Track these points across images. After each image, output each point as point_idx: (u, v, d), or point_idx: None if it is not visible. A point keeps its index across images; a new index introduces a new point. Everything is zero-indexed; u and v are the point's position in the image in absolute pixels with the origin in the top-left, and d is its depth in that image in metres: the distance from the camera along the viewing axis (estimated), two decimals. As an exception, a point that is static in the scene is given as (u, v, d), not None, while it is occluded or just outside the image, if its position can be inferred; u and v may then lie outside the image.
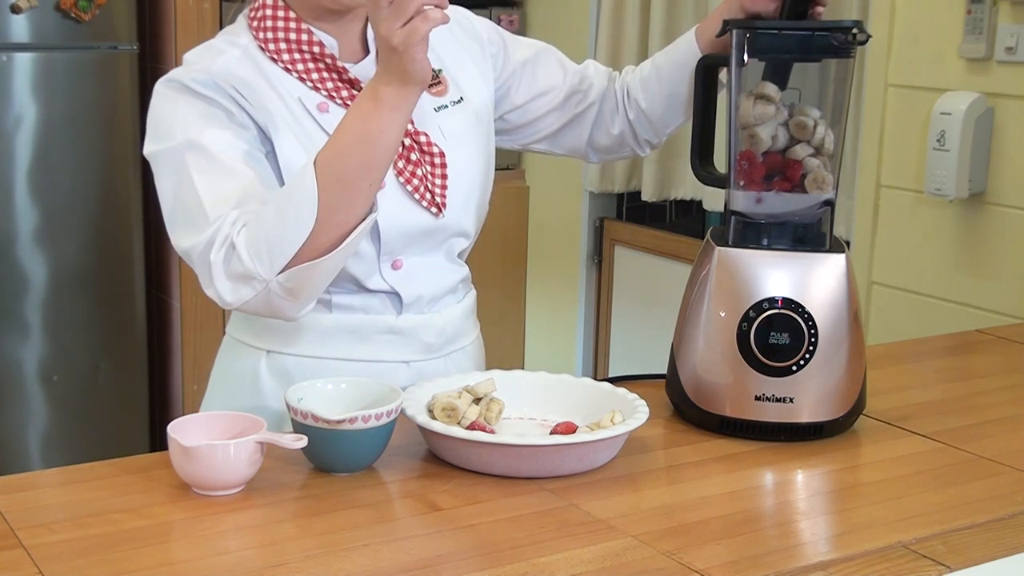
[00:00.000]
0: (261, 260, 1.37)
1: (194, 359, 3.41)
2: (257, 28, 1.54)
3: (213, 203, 1.42)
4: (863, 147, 2.73)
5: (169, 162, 1.46)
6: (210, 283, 1.41)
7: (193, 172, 1.43)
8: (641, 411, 1.43)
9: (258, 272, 1.37)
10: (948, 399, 1.75)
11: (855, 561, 1.20)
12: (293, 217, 1.36)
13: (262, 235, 1.37)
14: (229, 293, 1.40)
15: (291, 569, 1.14)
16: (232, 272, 1.39)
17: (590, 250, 3.74)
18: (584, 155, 1.83)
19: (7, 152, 3.12)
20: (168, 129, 1.47)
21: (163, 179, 1.47)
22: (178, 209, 1.45)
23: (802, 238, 1.58)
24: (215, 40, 1.56)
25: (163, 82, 1.51)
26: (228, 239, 1.39)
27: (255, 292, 1.39)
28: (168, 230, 1.48)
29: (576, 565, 1.17)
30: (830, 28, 1.53)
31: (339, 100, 1.54)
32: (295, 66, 1.53)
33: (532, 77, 1.73)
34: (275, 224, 1.37)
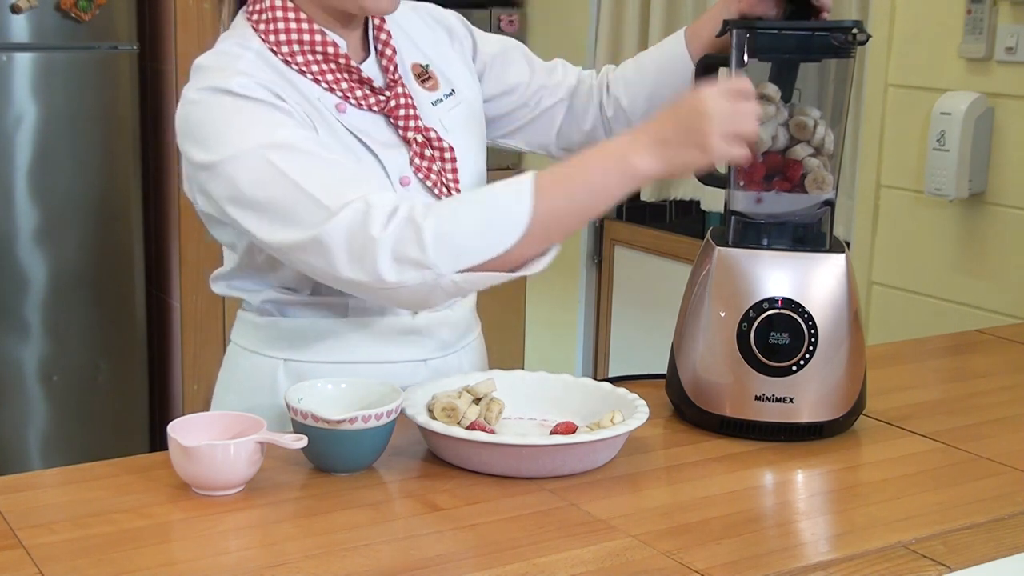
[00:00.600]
0: (444, 255, 1.33)
1: (194, 359, 3.41)
2: (266, 31, 1.51)
3: (323, 190, 1.36)
4: (863, 147, 2.73)
5: (245, 164, 1.40)
6: (360, 261, 1.34)
7: (281, 165, 1.38)
8: (641, 411, 1.43)
9: (437, 265, 1.33)
10: (948, 399, 1.75)
11: (855, 561, 1.20)
12: (497, 229, 1.34)
13: (457, 233, 1.34)
14: (391, 272, 1.34)
15: (291, 569, 1.14)
16: (403, 254, 1.33)
17: (590, 250, 3.74)
18: (550, 151, 1.83)
19: (7, 152, 3.12)
20: (231, 135, 1.42)
21: (239, 182, 1.40)
22: (270, 208, 1.39)
23: (802, 238, 1.58)
24: (224, 45, 1.52)
25: (203, 91, 1.45)
26: (407, 219, 1.33)
27: (422, 280, 1.34)
28: (257, 233, 1.41)
29: (576, 565, 1.17)
30: (830, 28, 1.53)
31: (353, 100, 1.53)
32: (309, 68, 1.51)
33: (501, 72, 1.74)
34: (474, 228, 1.34)
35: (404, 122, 1.56)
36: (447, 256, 1.34)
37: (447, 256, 1.34)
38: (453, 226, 1.35)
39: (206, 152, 1.43)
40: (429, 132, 1.58)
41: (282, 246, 1.40)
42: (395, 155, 1.55)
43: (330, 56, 1.52)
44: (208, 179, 1.43)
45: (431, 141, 1.58)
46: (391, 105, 1.55)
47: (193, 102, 1.45)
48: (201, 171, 1.44)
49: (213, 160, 1.42)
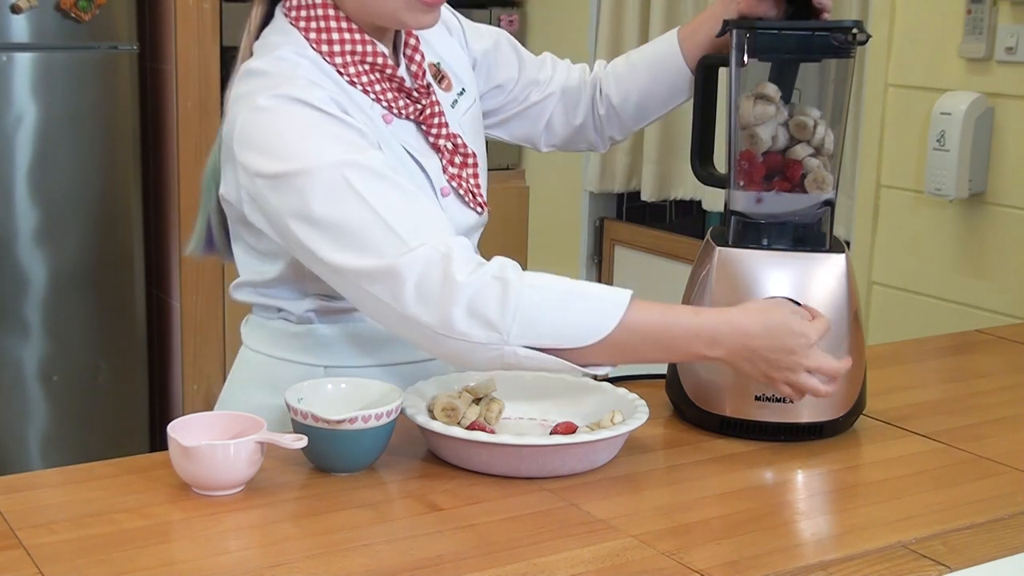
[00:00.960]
0: (520, 327, 1.32)
1: (194, 359, 3.41)
2: (318, 40, 1.47)
3: (399, 220, 1.34)
4: (863, 147, 2.73)
5: (319, 180, 1.35)
6: (431, 302, 1.32)
7: (359, 187, 1.34)
8: (641, 411, 1.43)
9: (509, 333, 1.32)
10: (948, 399, 1.75)
11: (855, 561, 1.20)
12: (576, 328, 1.33)
13: (542, 313, 1.33)
14: (461, 322, 1.31)
15: (291, 569, 1.14)
16: (479, 309, 1.31)
17: (590, 250, 3.74)
18: (536, 144, 1.82)
19: (7, 152, 3.12)
20: (306, 147, 1.36)
21: (312, 199, 1.35)
22: (342, 229, 1.35)
23: (802, 238, 1.58)
24: (280, 51, 1.45)
25: (275, 98, 1.38)
26: (497, 278, 1.32)
27: (487, 341, 1.32)
28: (320, 252, 1.36)
29: (576, 565, 1.17)
30: (830, 28, 1.53)
31: (396, 110, 1.50)
32: (360, 78, 1.48)
33: (492, 67, 1.73)
34: (558, 316, 1.33)
35: (436, 129, 1.54)
36: (522, 329, 1.32)
37: (522, 329, 1.32)
38: (542, 304, 1.33)
39: (274, 162, 1.37)
40: (456, 139, 1.56)
41: (347, 270, 1.35)
42: (432, 164, 1.53)
43: (378, 66, 1.49)
44: (271, 190, 1.38)
45: (458, 148, 1.56)
46: (426, 113, 1.53)
47: (263, 109, 1.39)
48: (263, 181, 1.38)
49: (282, 171, 1.36)
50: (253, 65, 1.45)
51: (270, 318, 1.58)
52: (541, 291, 1.33)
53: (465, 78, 1.65)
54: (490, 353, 1.33)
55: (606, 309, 1.34)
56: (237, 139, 1.41)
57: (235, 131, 1.41)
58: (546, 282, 1.35)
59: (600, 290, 1.37)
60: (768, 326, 1.37)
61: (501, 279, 1.32)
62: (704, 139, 1.68)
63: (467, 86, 1.64)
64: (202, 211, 1.60)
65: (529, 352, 1.33)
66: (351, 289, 1.38)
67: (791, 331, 1.38)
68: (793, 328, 1.38)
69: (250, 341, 1.62)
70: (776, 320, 1.38)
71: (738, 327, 1.37)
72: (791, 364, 1.38)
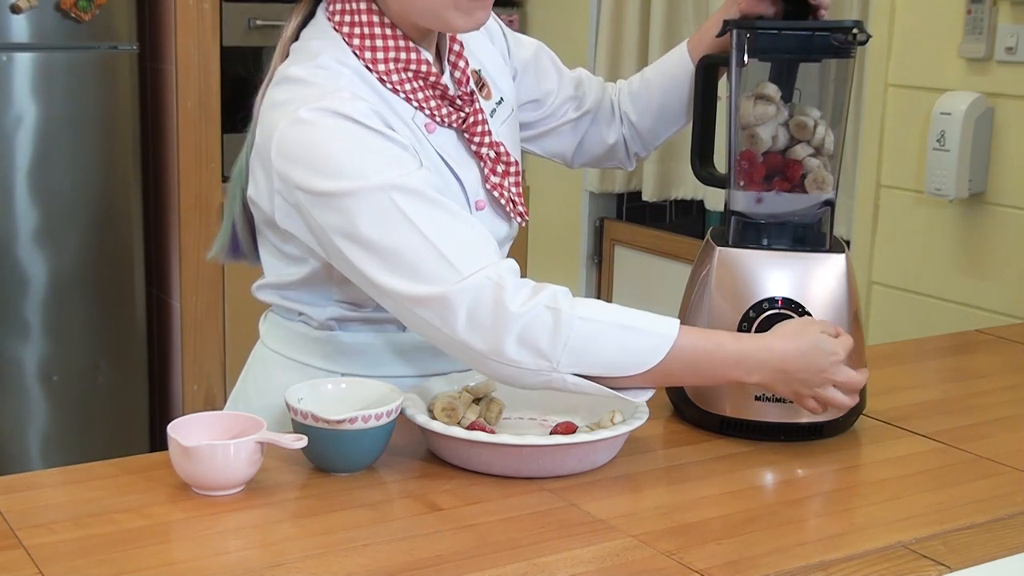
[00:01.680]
0: (571, 357, 1.33)
1: (194, 359, 3.41)
2: (361, 47, 1.44)
3: (450, 246, 1.33)
4: (863, 147, 2.73)
5: (368, 201, 1.33)
6: (484, 329, 1.32)
7: (407, 211, 1.33)
8: (641, 411, 1.43)
9: (559, 362, 1.33)
10: (948, 399, 1.75)
11: (855, 561, 1.20)
12: (625, 359, 1.35)
13: (593, 345, 1.34)
14: (513, 350, 1.32)
15: (291, 569, 1.14)
16: (532, 338, 1.32)
17: (590, 250, 3.74)
18: (569, 161, 1.82)
19: (7, 152, 3.12)
20: (353, 166, 1.34)
21: (360, 220, 1.33)
22: (392, 253, 1.34)
23: (802, 238, 1.58)
24: (321, 59, 1.43)
25: (318, 111, 1.36)
26: (549, 309, 1.33)
27: (536, 368, 1.34)
28: (371, 275, 1.35)
29: (576, 565, 1.17)
30: (830, 28, 1.53)
31: (439, 118, 1.48)
32: (403, 86, 1.45)
33: (532, 80, 1.72)
34: (609, 348, 1.35)
35: (480, 138, 1.52)
36: (572, 358, 1.34)
37: (572, 358, 1.34)
38: (594, 336, 1.34)
39: (319, 179, 1.35)
40: (499, 147, 1.55)
41: (397, 294, 1.34)
42: (470, 175, 1.51)
43: (421, 74, 1.47)
44: (315, 206, 1.36)
45: (500, 156, 1.55)
46: (469, 121, 1.51)
47: (306, 122, 1.36)
48: (306, 196, 1.36)
49: (328, 190, 1.34)
50: (292, 71, 1.42)
51: (290, 319, 1.57)
52: (592, 323, 1.34)
53: (504, 87, 1.63)
54: (539, 379, 1.35)
55: (655, 342, 1.36)
56: (277, 149, 1.38)
57: (274, 140, 1.38)
58: (597, 313, 1.36)
59: (649, 322, 1.38)
60: (803, 349, 1.42)
61: (553, 310, 1.33)
62: (704, 139, 1.68)
63: (506, 95, 1.63)
64: (227, 215, 1.57)
65: (577, 380, 1.35)
66: (400, 310, 1.37)
67: (823, 351, 1.42)
68: (824, 348, 1.42)
69: (268, 340, 1.61)
70: (809, 343, 1.42)
71: (776, 352, 1.41)
72: (821, 381, 1.43)
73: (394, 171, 1.35)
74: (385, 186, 1.34)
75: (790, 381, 1.42)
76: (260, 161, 1.42)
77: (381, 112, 1.40)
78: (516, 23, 3.78)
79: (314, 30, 1.48)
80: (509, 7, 3.82)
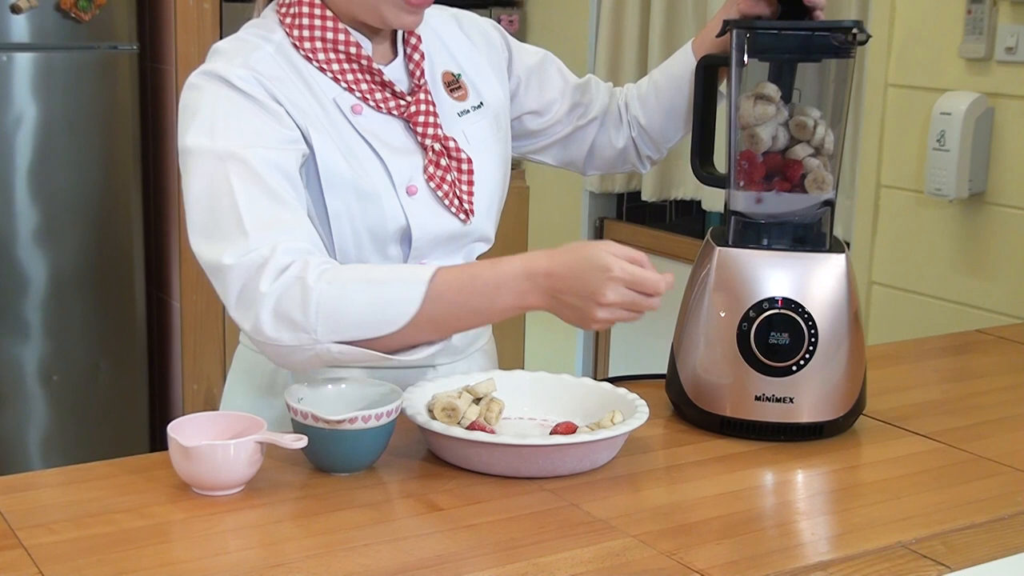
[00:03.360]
0: (326, 325, 1.33)
1: (194, 359, 3.41)
2: (291, 25, 1.51)
3: (255, 224, 1.36)
4: (863, 147, 2.73)
5: (206, 164, 1.40)
6: (245, 308, 1.35)
7: (234, 182, 1.38)
8: (641, 411, 1.43)
9: (316, 331, 1.33)
10: (948, 399, 1.75)
11: (855, 561, 1.20)
12: (382, 314, 1.34)
13: (344, 306, 1.33)
14: (269, 327, 1.34)
15: (291, 569, 1.14)
16: (284, 313, 1.33)
17: (590, 250, 3.73)
18: (581, 169, 1.82)
19: (7, 152, 3.12)
20: (209, 127, 1.42)
21: (194, 179, 1.41)
22: (208, 217, 1.39)
23: (802, 238, 1.58)
24: (245, 33, 1.52)
25: (201, 74, 1.45)
26: (297, 279, 1.33)
27: (297, 343, 1.34)
28: (189, 233, 1.41)
29: (576, 565, 1.17)
30: (830, 28, 1.53)
31: (372, 102, 1.52)
32: (330, 66, 1.51)
33: (537, 88, 1.72)
34: (362, 306, 1.33)
35: (423, 128, 1.55)
36: (328, 326, 1.33)
37: (328, 326, 1.33)
38: (342, 298, 1.33)
39: (184, 136, 1.43)
40: (448, 141, 1.56)
41: (200, 258, 1.40)
42: (407, 161, 1.53)
43: (352, 56, 1.51)
44: (183, 163, 1.44)
45: (449, 151, 1.56)
46: (411, 111, 1.54)
47: (192, 86, 1.46)
48: (180, 154, 1.45)
49: (184, 146, 1.43)
50: (217, 44, 1.51)
51: None
52: (340, 285, 1.34)
53: (488, 96, 1.64)
54: (304, 354, 1.35)
55: (410, 290, 1.34)
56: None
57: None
58: (346, 275, 1.35)
59: (401, 271, 1.39)
60: (571, 264, 1.34)
61: (300, 279, 1.33)
62: (704, 139, 1.68)
63: (488, 101, 1.64)
64: None
65: (342, 347, 1.34)
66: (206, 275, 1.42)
67: (596, 266, 1.33)
68: (599, 262, 1.33)
69: (244, 337, 1.63)
70: (580, 257, 1.34)
71: (539, 269, 1.35)
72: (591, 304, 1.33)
73: (242, 140, 1.40)
74: (224, 153, 1.39)
75: (566, 303, 1.34)
76: None
77: (280, 84, 1.45)
78: (516, 23, 3.78)
79: (264, 13, 1.57)
80: (509, 8, 3.81)
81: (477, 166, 1.58)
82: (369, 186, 1.50)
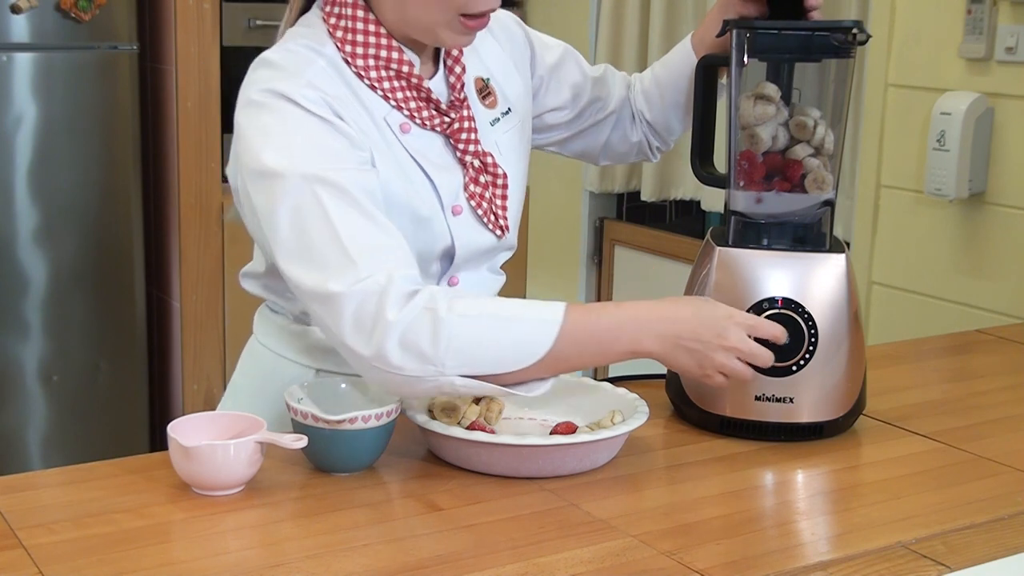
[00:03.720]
0: (456, 358, 1.30)
1: (194, 359, 3.41)
2: (344, 40, 1.44)
3: (359, 249, 1.32)
4: (863, 147, 2.73)
5: (292, 187, 1.34)
6: (366, 335, 1.30)
7: (328, 205, 1.33)
8: (641, 411, 1.43)
9: (444, 364, 1.30)
10: (948, 399, 1.75)
11: (855, 561, 1.20)
12: (513, 351, 1.32)
13: (475, 341, 1.31)
14: (395, 356, 1.29)
15: (291, 569, 1.14)
16: (413, 343, 1.29)
17: (590, 250, 3.74)
18: (595, 160, 1.83)
19: (7, 152, 3.12)
20: (286, 149, 1.36)
21: (280, 203, 1.34)
22: (301, 242, 1.34)
23: (802, 238, 1.58)
24: (294, 44, 1.44)
25: (264, 92, 1.39)
26: (426, 309, 1.30)
27: (422, 373, 1.30)
28: (280, 258, 1.36)
29: (576, 565, 1.17)
30: (830, 28, 1.53)
31: (418, 120, 1.47)
32: (381, 84, 1.45)
33: (558, 84, 1.71)
34: (493, 342, 1.32)
35: (464, 145, 1.51)
36: (457, 359, 1.31)
37: (457, 359, 1.31)
38: (473, 333, 1.31)
39: (256, 158, 1.37)
40: (486, 157, 1.53)
41: (298, 285, 1.35)
42: (450, 179, 1.50)
43: (403, 74, 1.46)
44: (252, 185, 1.38)
45: (487, 166, 1.54)
46: (455, 127, 1.50)
47: (255, 104, 1.39)
48: (247, 175, 1.39)
49: (260, 169, 1.36)
50: (267, 55, 1.44)
51: (276, 311, 1.59)
52: (472, 319, 1.31)
53: (513, 98, 1.62)
54: (425, 385, 1.32)
55: (542, 330, 1.33)
56: (235, 130, 1.42)
57: (235, 121, 1.42)
58: (477, 308, 1.33)
59: (532, 310, 1.36)
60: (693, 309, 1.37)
61: (431, 311, 1.30)
62: (704, 139, 1.68)
63: (514, 105, 1.62)
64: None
65: (466, 381, 1.32)
66: (304, 304, 1.37)
67: (715, 310, 1.38)
68: (717, 310, 1.38)
69: (259, 333, 1.62)
70: (700, 302, 1.39)
71: (664, 313, 1.37)
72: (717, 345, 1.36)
73: (325, 163, 1.36)
74: (311, 176, 1.34)
75: (684, 347, 1.36)
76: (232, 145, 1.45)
77: (339, 103, 1.40)
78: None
79: (305, 19, 1.50)
80: (509, 6, 3.81)
81: (510, 179, 1.56)
82: (422, 208, 1.47)
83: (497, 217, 1.55)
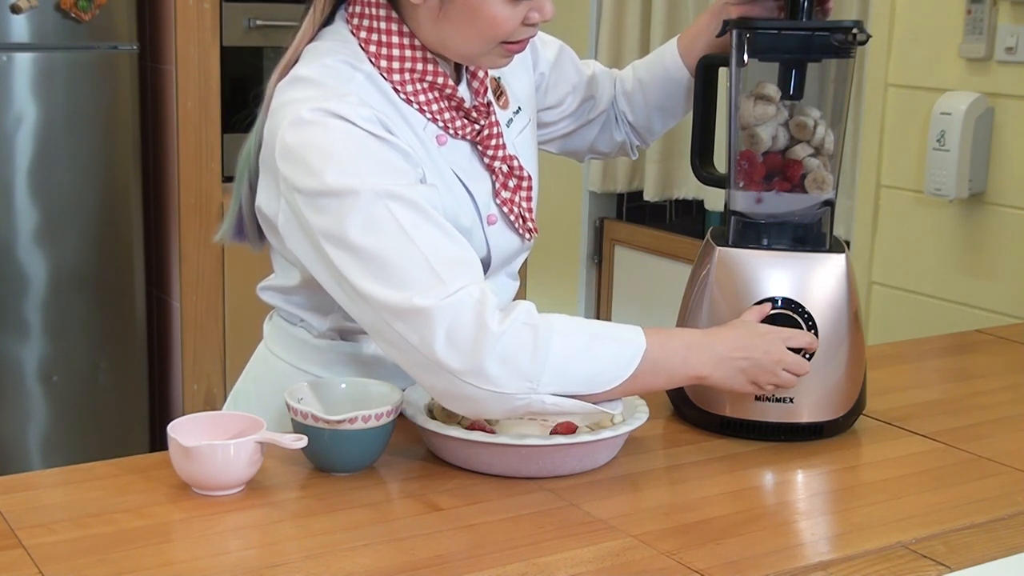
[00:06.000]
0: (552, 375, 1.30)
1: (194, 359, 3.41)
2: (377, 55, 1.42)
3: (442, 263, 1.30)
4: (863, 147, 2.73)
5: (363, 205, 1.30)
6: (463, 350, 1.28)
7: (403, 221, 1.31)
8: (641, 411, 1.43)
9: (540, 381, 1.30)
10: (948, 399, 1.75)
11: (855, 561, 1.20)
12: (602, 371, 1.33)
13: (570, 359, 1.31)
14: (493, 369, 1.28)
15: (291, 569, 1.14)
16: (513, 358, 1.29)
17: (590, 250, 3.74)
18: (580, 158, 1.83)
19: (7, 152, 3.12)
20: (352, 167, 1.32)
21: (351, 220, 1.30)
22: (379, 258, 1.30)
23: (802, 238, 1.58)
24: (332, 60, 1.40)
25: (316, 111, 1.34)
26: (527, 325, 1.30)
27: (516, 390, 1.29)
28: (355, 278, 1.32)
29: (576, 565, 1.17)
30: (830, 28, 1.53)
31: (451, 130, 1.46)
32: (416, 97, 1.43)
33: (557, 82, 1.70)
34: (585, 361, 1.32)
35: (492, 151, 1.50)
36: (553, 376, 1.31)
37: (553, 376, 1.31)
38: (569, 350, 1.32)
39: (314, 179, 1.32)
40: (512, 161, 1.53)
41: (377, 301, 1.31)
42: (481, 188, 1.49)
43: (437, 85, 1.44)
44: (309, 207, 1.33)
45: (513, 170, 1.53)
46: (484, 134, 1.49)
47: (307, 123, 1.34)
48: (302, 197, 1.34)
49: (322, 189, 1.32)
50: (304, 72, 1.40)
51: (292, 323, 1.56)
52: (568, 336, 1.32)
53: (522, 96, 1.61)
54: (514, 403, 1.31)
55: (629, 351, 1.35)
56: (279, 150, 1.35)
57: (277, 141, 1.36)
58: (570, 327, 1.34)
59: (617, 329, 1.38)
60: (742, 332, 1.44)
61: (531, 326, 1.30)
62: (704, 139, 1.68)
63: (523, 104, 1.61)
64: (234, 197, 1.53)
65: (556, 399, 1.32)
66: (376, 322, 1.33)
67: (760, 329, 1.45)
68: (759, 328, 1.45)
69: (270, 342, 1.60)
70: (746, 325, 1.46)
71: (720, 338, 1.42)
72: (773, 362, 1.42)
73: (392, 179, 1.33)
74: (382, 192, 1.31)
75: (737, 367, 1.40)
76: (266, 163, 1.40)
77: (388, 120, 1.38)
78: (516, 23, 3.78)
79: (331, 32, 1.46)
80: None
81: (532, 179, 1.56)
82: (464, 220, 1.46)
83: (525, 220, 1.54)
